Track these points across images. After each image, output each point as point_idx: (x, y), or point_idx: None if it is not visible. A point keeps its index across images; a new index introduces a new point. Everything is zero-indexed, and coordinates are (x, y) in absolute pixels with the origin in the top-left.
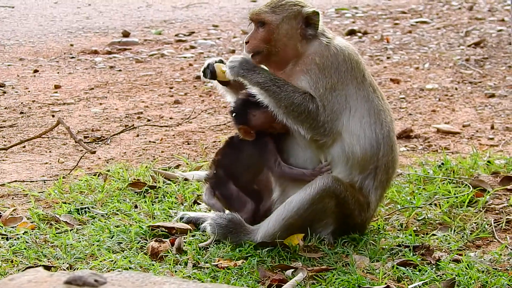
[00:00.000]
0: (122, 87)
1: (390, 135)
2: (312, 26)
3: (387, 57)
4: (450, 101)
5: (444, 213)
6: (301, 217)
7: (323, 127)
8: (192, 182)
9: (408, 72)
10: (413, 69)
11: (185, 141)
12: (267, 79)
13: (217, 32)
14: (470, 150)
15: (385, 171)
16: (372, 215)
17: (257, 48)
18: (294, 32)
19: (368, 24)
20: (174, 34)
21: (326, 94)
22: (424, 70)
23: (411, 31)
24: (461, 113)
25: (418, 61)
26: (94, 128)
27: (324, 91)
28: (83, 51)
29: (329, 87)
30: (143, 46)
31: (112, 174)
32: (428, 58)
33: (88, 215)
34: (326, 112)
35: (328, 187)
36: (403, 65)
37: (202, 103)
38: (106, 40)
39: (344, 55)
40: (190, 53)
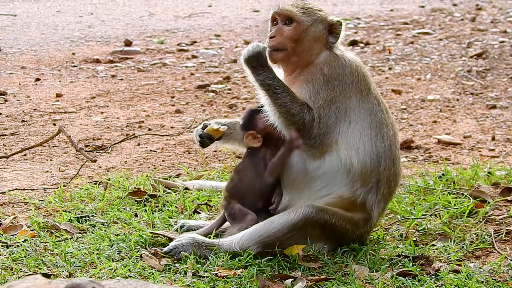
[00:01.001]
0: (123, 96)
1: (392, 149)
2: (334, 35)
3: (389, 67)
4: (451, 112)
5: (444, 223)
6: (278, 239)
7: (313, 140)
8: (192, 191)
9: (410, 83)
10: (415, 80)
11: (186, 150)
12: (267, 83)
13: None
14: (470, 161)
15: (387, 185)
16: (373, 228)
17: (282, 44)
18: (320, 36)
19: (370, 35)
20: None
21: (325, 107)
22: (426, 81)
23: (413, 42)
24: (462, 124)
25: (420, 72)
26: (95, 136)
27: (323, 103)
28: (85, 59)
29: (329, 99)
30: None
31: (112, 182)
32: (430, 69)
33: (88, 223)
34: (320, 125)
35: (311, 217)
36: (404, 76)
37: (203, 112)
38: (108, 49)
39: (352, 67)
40: (192, 63)
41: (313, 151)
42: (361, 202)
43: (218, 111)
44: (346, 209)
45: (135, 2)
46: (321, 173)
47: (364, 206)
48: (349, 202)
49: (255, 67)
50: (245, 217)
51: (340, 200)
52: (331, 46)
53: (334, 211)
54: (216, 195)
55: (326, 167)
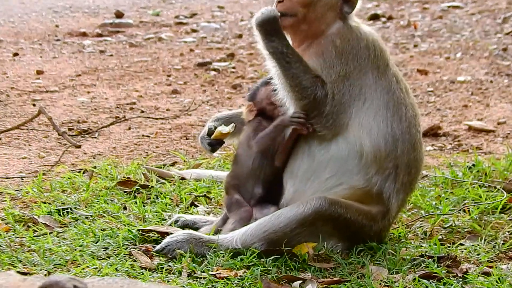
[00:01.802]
0: (113, 74)
1: (411, 132)
2: (350, 4)
3: (414, 45)
4: (484, 95)
5: (473, 220)
6: (286, 235)
7: (325, 118)
8: (189, 181)
9: (438, 63)
10: (443, 59)
11: (183, 135)
12: (279, 50)
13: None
14: (505, 150)
15: (407, 172)
16: (391, 223)
17: (291, 9)
18: (334, 4)
19: (394, 8)
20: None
21: (338, 82)
22: (456, 61)
23: (442, 16)
24: (496, 109)
25: (449, 50)
26: (80, 119)
27: (336, 78)
28: (70, 33)
29: (342, 74)
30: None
31: (99, 171)
32: (461, 47)
33: (70, 216)
34: (334, 103)
35: (323, 211)
36: (432, 55)
37: (203, 93)
38: (97, 21)
39: (368, 40)
40: (191, 37)
41: (325, 133)
42: (378, 192)
43: (220, 92)
44: (361, 201)
45: None
46: (329, 158)
47: (381, 197)
48: (363, 193)
49: (268, 32)
50: (239, 209)
51: (353, 191)
52: (345, 17)
53: (349, 204)
54: (216, 186)
55: (333, 152)
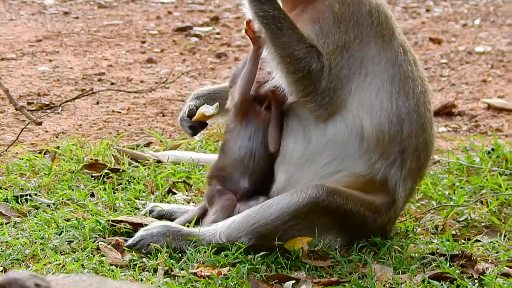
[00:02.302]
0: (79, 39)
1: (420, 110)
2: None
3: (426, 9)
4: (506, 68)
5: (492, 213)
6: (277, 229)
7: (321, 95)
8: (166, 165)
9: (453, 30)
10: (459, 26)
11: (159, 111)
12: (271, 15)
13: None
14: None
15: (416, 157)
16: (398, 215)
17: None
18: None
19: None
20: None
21: (336, 54)
22: (474, 28)
23: None
24: None
25: (466, 15)
26: (40, 92)
27: (334, 49)
28: None
29: (341, 44)
30: None
31: (62, 152)
32: (480, 12)
33: (30, 204)
34: (331, 77)
35: (320, 201)
36: (446, 21)
37: (183, 63)
38: None
39: (371, 5)
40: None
41: (320, 112)
42: (382, 180)
43: (203, 61)
44: (363, 190)
45: None
46: (326, 141)
47: (386, 185)
48: (366, 181)
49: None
50: (221, 197)
51: (354, 179)
52: None
53: (350, 193)
54: (197, 171)
55: (331, 134)
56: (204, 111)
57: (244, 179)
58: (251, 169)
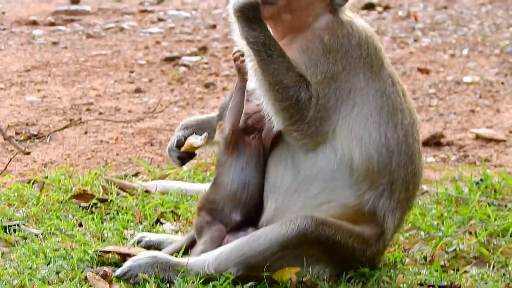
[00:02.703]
0: (67, 69)
1: (408, 141)
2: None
3: (414, 39)
4: (494, 98)
5: (481, 244)
6: (265, 260)
7: (307, 124)
8: (154, 195)
9: (441, 60)
10: (448, 56)
11: (148, 141)
12: (261, 41)
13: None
14: None
15: (404, 188)
16: (387, 246)
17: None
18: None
19: None
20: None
21: (324, 84)
22: (462, 58)
23: (447, 6)
24: (508, 115)
25: (454, 45)
26: (29, 121)
27: (322, 79)
28: (18, 21)
29: (329, 75)
30: (96, 16)
31: (50, 182)
32: (468, 43)
33: (18, 234)
34: (318, 107)
35: (309, 232)
36: (434, 51)
37: (171, 92)
38: (49, 7)
39: (360, 37)
40: (157, 28)
41: (305, 141)
42: (371, 211)
43: (191, 91)
44: (352, 221)
45: None
46: (316, 172)
47: (375, 216)
48: (355, 211)
49: (249, 19)
50: (210, 228)
51: (343, 209)
52: (336, 9)
53: (338, 225)
54: (185, 201)
55: (322, 164)
56: (193, 142)
57: (236, 212)
58: (244, 201)
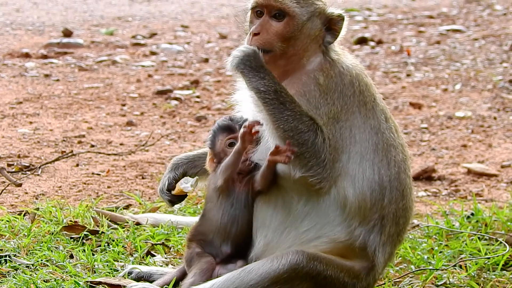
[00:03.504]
0: (59, 102)
1: (400, 178)
2: (333, 32)
3: (407, 74)
4: (486, 133)
5: (471, 277)
6: None
7: (324, 168)
8: (145, 227)
9: (434, 95)
10: (440, 91)
11: (139, 174)
12: (273, 89)
13: (186, 35)
14: (508, 198)
15: (395, 222)
16: (377, 279)
17: (269, 45)
18: (317, 35)
19: (384, 31)
20: (130, 35)
21: (329, 125)
22: (455, 93)
23: (440, 41)
24: (499, 150)
25: (447, 80)
26: (21, 153)
27: (327, 120)
28: (11, 53)
29: (331, 116)
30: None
31: (42, 213)
32: (461, 78)
33: (9, 265)
34: (330, 149)
35: (301, 267)
36: (427, 86)
37: (163, 126)
38: (41, 40)
39: (351, 75)
40: (150, 61)
41: (322, 185)
42: (361, 246)
43: (183, 124)
44: (342, 256)
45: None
46: (308, 210)
47: (365, 251)
48: (345, 246)
49: (255, 68)
50: (200, 260)
51: (334, 245)
52: (326, 47)
53: (329, 260)
54: (176, 233)
55: (313, 203)
56: (184, 187)
57: (226, 245)
58: (234, 235)
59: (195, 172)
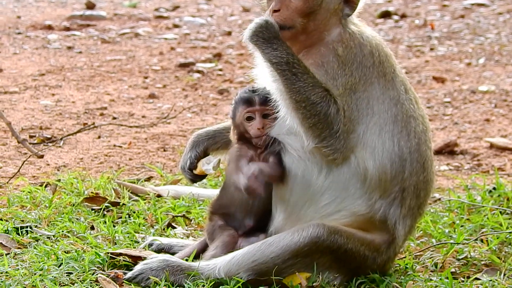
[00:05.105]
0: (82, 74)
1: (421, 149)
2: (351, 5)
3: (430, 48)
4: (509, 108)
5: (492, 251)
6: (277, 267)
7: (337, 139)
8: (166, 199)
9: (457, 69)
10: (464, 65)
11: (161, 146)
12: (285, 60)
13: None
14: None
15: (416, 195)
16: (398, 252)
17: (289, 21)
18: (336, 8)
19: (408, 5)
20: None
21: (346, 96)
22: (478, 67)
23: (464, 15)
24: None
25: (470, 54)
26: (43, 125)
27: (343, 91)
28: (33, 25)
29: (348, 87)
30: (112, 22)
31: (63, 185)
32: (484, 52)
33: (30, 236)
34: (344, 120)
35: (321, 241)
36: (450, 60)
37: (185, 98)
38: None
39: (371, 45)
40: (172, 34)
41: (335, 156)
42: (381, 219)
43: (205, 97)
44: (363, 229)
45: None
46: (328, 184)
47: (386, 224)
48: (366, 219)
49: (268, 40)
50: (222, 233)
51: (354, 218)
52: (345, 20)
53: (350, 233)
54: (197, 206)
55: (333, 177)
56: (205, 169)
57: (249, 218)
58: (256, 208)
59: (216, 148)
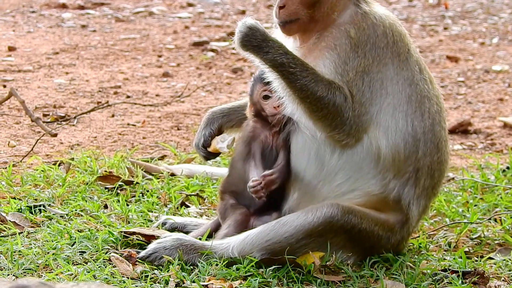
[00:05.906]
0: (96, 52)
1: (435, 129)
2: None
3: (444, 27)
4: None
5: (506, 231)
6: (291, 246)
7: (348, 125)
8: (180, 178)
9: (471, 48)
10: (477, 44)
11: (174, 125)
12: (279, 62)
13: None
14: None
15: (430, 175)
16: (411, 232)
17: (295, 14)
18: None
19: None
20: None
21: (356, 80)
22: (492, 47)
23: None
24: None
25: (484, 34)
26: (56, 104)
27: (354, 75)
28: (47, 4)
29: (361, 70)
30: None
31: (77, 163)
32: (498, 31)
33: (43, 215)
34: (354, 105)
35: (335, 221)
36: (464, 39)
37: (199, 77)
38: None
39: (385, 25)
40: (186, 12)
41: (348, 140)
42: (395, 199)
43: (219, 76)
44: (377, 209)
45: None
46: (342, 163)
47: (400, 204)
48: (380, 199)
49: (257, 45)
50: (235, 212)
51: (368, 198)
52: (358, 0)
53: (364, 213)
54: (211, 184)
55: (348, 156)
56: (220, 147)
57: None
58: None
59: (230, 126)
